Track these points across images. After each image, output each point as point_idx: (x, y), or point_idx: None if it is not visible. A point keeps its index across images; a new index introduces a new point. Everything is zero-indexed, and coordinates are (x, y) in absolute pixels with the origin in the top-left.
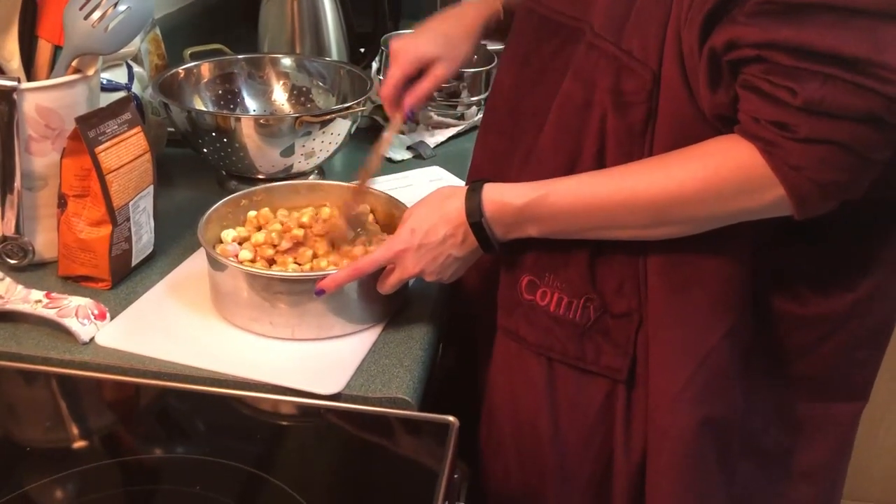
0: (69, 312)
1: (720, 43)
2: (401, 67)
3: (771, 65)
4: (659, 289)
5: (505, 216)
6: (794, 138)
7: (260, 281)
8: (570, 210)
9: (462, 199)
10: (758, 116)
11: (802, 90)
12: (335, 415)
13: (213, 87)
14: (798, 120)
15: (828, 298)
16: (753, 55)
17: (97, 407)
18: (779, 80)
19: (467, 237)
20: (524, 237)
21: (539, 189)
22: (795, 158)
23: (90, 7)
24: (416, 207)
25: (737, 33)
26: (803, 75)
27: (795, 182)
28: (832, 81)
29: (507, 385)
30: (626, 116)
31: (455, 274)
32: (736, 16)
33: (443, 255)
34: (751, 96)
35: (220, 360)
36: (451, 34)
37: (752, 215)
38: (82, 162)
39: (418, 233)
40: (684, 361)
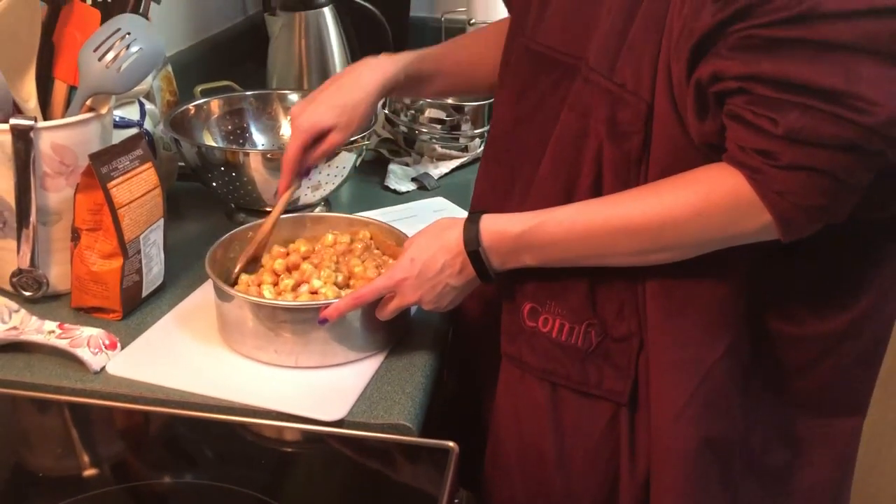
0: (81, 342)
1: (705, 75)
2: (299, 139)
3: (753, 96)
4: (656, 312)
5: (502, 245)
6: (776, 165)
7: (265, 310)
8: (566, 238)
9: (460, 229)
10: (743, 145)
11: (783, 120)
12: (338, 441)
13: (222, 123)
14: (780, 148)
15: (823, 319)
16: (736, 87)
17: (108, 434)
18: (761, 110)
19: (465, 267)
20: (521, 266)
21: (535, 218)
22: (779, 184)
23: (104, 49)
24: (417, 237)
25: (721, 66)
26: (784, 106)
27: (780, 207)
28: (811, 112)
29: (512, 410)
30: (621, 145)
31: (452, 303)
32: (720, 49)
33: (441, 284)
34: (736, 126)
35: (226, 388)
36: (346, 103)
37: (742, 240)
38: (95, 197)
39: (417, 262)
40: (684, 382)
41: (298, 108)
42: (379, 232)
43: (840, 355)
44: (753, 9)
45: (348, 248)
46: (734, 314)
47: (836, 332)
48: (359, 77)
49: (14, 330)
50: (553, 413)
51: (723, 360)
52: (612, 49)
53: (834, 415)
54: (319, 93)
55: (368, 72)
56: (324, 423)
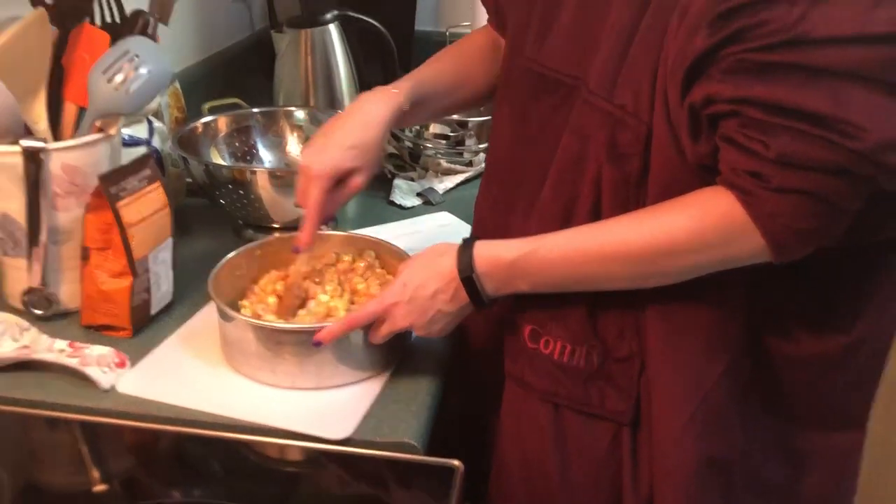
0: (91, 361)
1: (698, 98)
2: (322, 186)
3: (745, 119)
4: (656, 333)
5: (496, 271)
6: (768, 188)
7: (266, 333)
8: (560, 264)
9: (454, 255)
10: (736, 167)
11: (774, 143)
12: (344, 459)
13: (229, 140)
14: (771, 171)
15: (820, 339)
16: (729, 110)
17: (117, 452)
18: (753, 133)
19: (458, 293)
20: (516, 292)
21: (529, 244)
22: (770, 207)
23: (113, 71)
24: (411, 262)
25: (713, 89)
26: (775, 129)
27: (772, 229)
28: (801, 136)
29: (515, 430)
30: (621, 168)
31: (443, 330)
32: (712, 73)
33: (432, 310)
34: (729, 148)
35: (234, 407)
36: (361, 143)
37: (737, 262)
38: (104, 217)
39: (409, 287)
40: (684, 402)
41: (311, 153)
42: (381, 251)
43: (838, 374)
44: (746, 33)
45: (350, 266)
46: (733, 335)
47: (834, 352)
48: (366, 114)
49: (25, 349)
50: (556, 433)
51: (722, 379)
52: (612, 71)
53: (833, 429)
54: (328, 135)
55: (374, 107)
56: (330, 442)
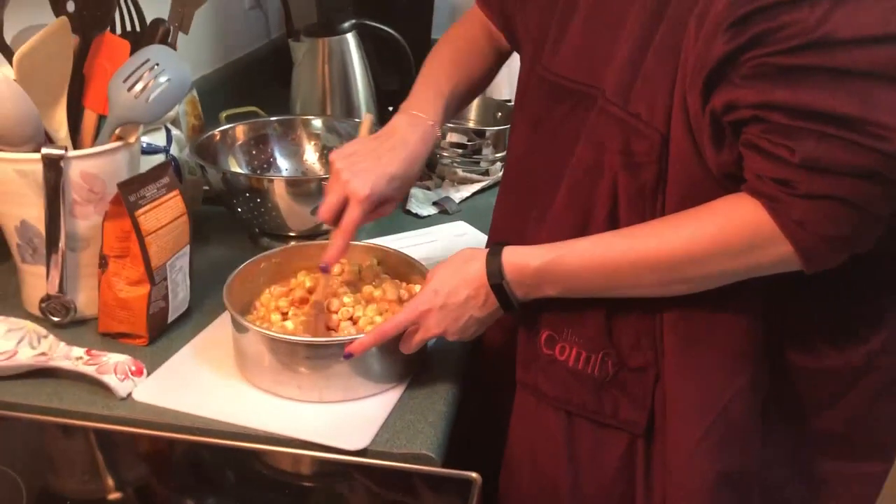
0: (108, 369)
1: (720, 105)
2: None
3: (769, 124)
4: (674, 343)
5: (524, 277)
6: (795, 194)
7: (279, 345)
8: (585, 270)
9: (483, 261)
10: (760, 174)
11: (800, 148)
12: (360, 470)
13: (247, 148)
14: (798, 176)
15: (842, 351)
16: (751, 115)
17: (133, 460)
18: (777, 138)
19: (489, 298)
20: (544, 297)
21: (555, 251)
22: (798, 214)
23: (133, 80)
24: (439, 269)
25: (735, 95)
26: (800, 134)
27: (801, 237)
28: (828, 139)
29: (527, 438)
30: (637, 177)
31: (475, 333)
32: (733, 78)
33: (465, 316)
34: (753, 155)
35: (250, 416)
36: (403, 177)
37: (763, 271)
38: (123, 224)
39: (441, 294)
40: (701, 415)
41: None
42: (390, 258)
43: (861, 393)
44: (766, 36)
45: (358, 277)
46: (753, 347)
47: (855, 366)
48: (411, 148)
49: (43, 356)
50: (568, 442)
51: (741, 393)
52: (627, 80)
53: (859, 458)
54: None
55: (418, 142)
56: (346, 453)
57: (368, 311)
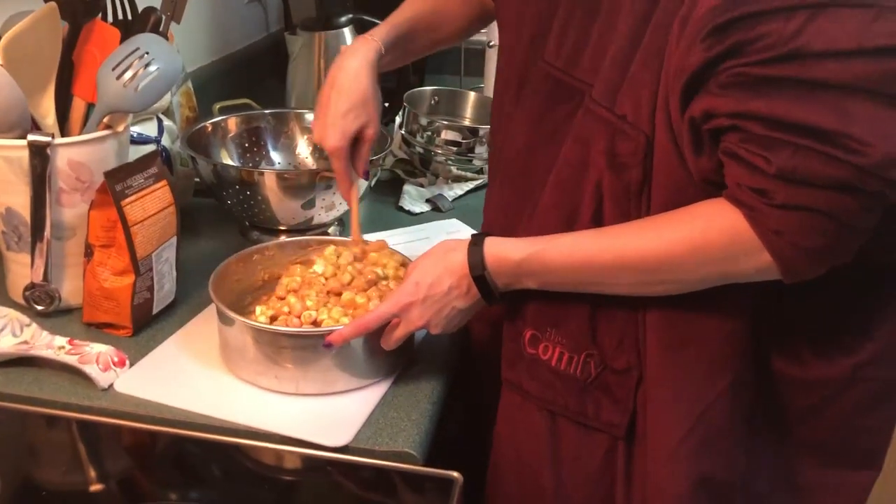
0: (90, 359)
1: (698, 113)
2: (340, 156)
3: (746, 134)
4: (655, 345)
5: (504, 269)
6: (772, 204)
7: (265, 336)
8: (563, 266)
9: (465, 252)
10: (739, 182)
11: (776, 159)
12: (341, 467)
13: (239, 141)
14: (774, 187)
15: (828, 361)
16: (729, 124)
17: (114, 452)
18: (754, 148)
19: (471, 288)
20: (524, 289)
21: (536, 245)
22: (775, 224)
23: (122, 68)
24: (420, 261)
25: (712, 103)
26: (775, 145)
27: (778, 247)
28: (803, 151)
29: (511, 438)
30: (622, 177)
31: (459, 324)
32: (711, 87)
33: (448, 307)
34: (731, 163)
35: (233, 411)
36: (356, 102)
37: (742, 278)
38: (109, 214)
39: (423, 285)
40: (680, 418)
41: (319, 131)
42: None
43: (847, 403)
44: (743, 47)
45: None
46: (736, 351)
47: (842, 377)
48: (350, 71)
49: (25, 344)
50: (552, 442)
51: (723, 398)
52: (615, 80)
53: (846, 466)
54: (326, 108)
55: (355, 61)
56: (328, 449)
57: (334, 313)
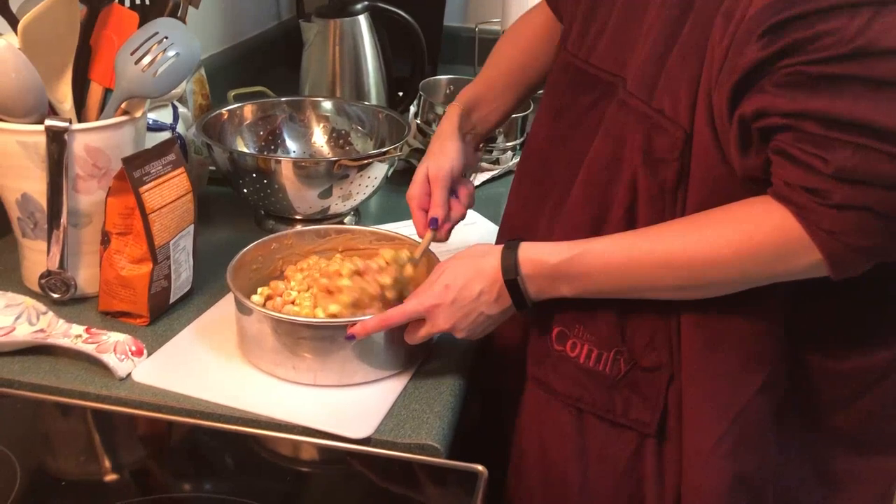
0: (108, 348)
1: (749, 111)
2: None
3: (801, 133)
4: (692, 344)
5: (540, 274)
6: (826, 204)
7: (284, 326)
8: (605, 270)
9: (498, 256)
10: (790, 181)
11: (833, 158)
12: (363, 459)
13: (254, 129)
14: (830, 186)
15: (864, 354)
16: (783, 123)
17: (131, 442)
18: (810, 148)
19: (501, 295)
20: (558, 296)
21: (574, 248)
22: (829, 223)
23: (141, 52)
24: (451, 263)
25: (766, 103)
26: (834, 144)
27: (830, 246)
28: (864, 150)
29: (537, 434)
30: (657, 174)
31: (484, 332)
32: (764, 85)
33: (475, 312)
34: (782, 162)
35: (252, 401)
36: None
37: (789, 277)
38: (126, 201)
39: (453, 289)
40: (717, 418)
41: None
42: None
43: (881, 391)
44: (803, 45)
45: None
46: (771, 349)
47: (877, 367)
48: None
49: (41, 332)
50: (578, 439)
51: (759, 394)
52: (651, 74)
53: (876, 452)
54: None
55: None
56: (350, 441)
57: (306, 301)
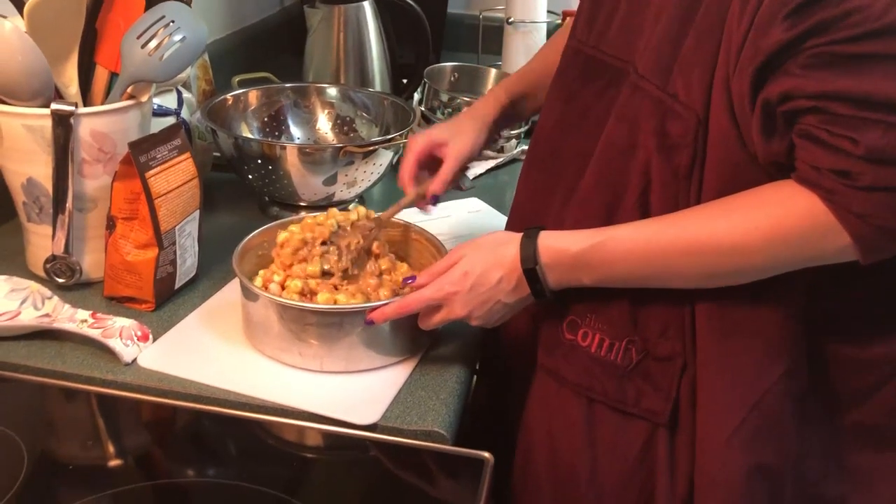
0: (113, 333)
1: (774, 95)
2: (413, 151)
3: (829, 115)
4: (708, 333)
5: (561, 263)
6: (856, 186)
7: (291, 312)
8: (628, 258)
9: (517, 245)
10: (818, 165)
11: (864, 139)
12: (369, 446)
13: (259, 115)
14: (861, 168)
15: (886, 342)
16: (810, 106)
17: (136, 427)
18: (838, 129)
19: (520, 284)
20: (578, 286)
21: (596, 236)
22: (859, 206)
23: (147, 36)
24: (469, 250)
25: (792, 85)
26: (863, 125)
27: (861, 230)
28: (894, 130)
29: (545, 424)
30: (671, 159)
31: (500, 320)
32: (789, 67)
33: (492, 300)
34: (809, 145)
35: (259, 387)
36: (458, 122)
37: (816, 262)
38: (132, 186)
39: (471, 276)
40: (735, 407)
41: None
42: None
43: None
44: (829, 24)
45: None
46: (793, 339)
47: None
48: (474, 108)
49: (46, 317)
50: (588, 429)
51: (778, 384)
52: (665, 58)
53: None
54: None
55: (481, 104)
56: (356, 427)
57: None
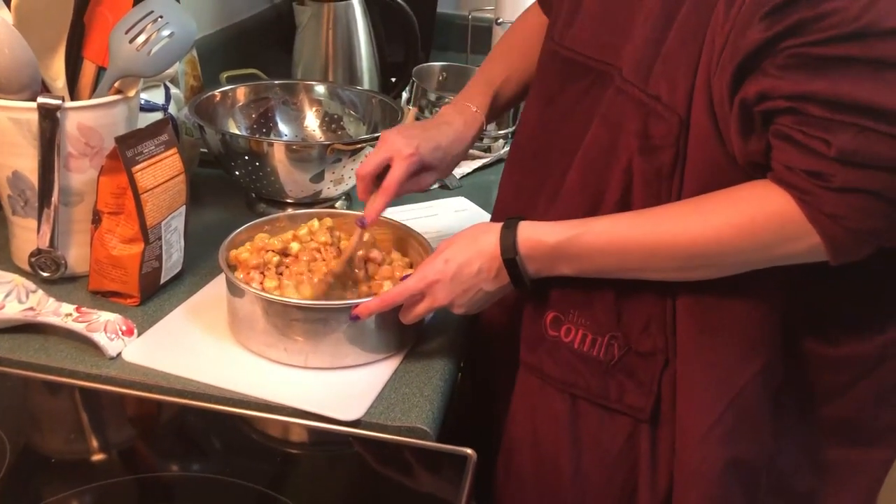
0: (98, 327)
1: (751, 94)
2: (405, 169)
3: (804, 116)
4: (688, 329)
5: (539, 254)
6: (828, 187)
7: (276, 308)
8: (604, 250)
9: (497, 234)
10: (791, 165)
11: (836, 141)
12: (352, 441)
13: (247, 111)
14: (833, 170)
15: (860, 339)
16: (786, 106)
17: (120, 421)
18: (812, 131)
19: (500, 272)
20: (557, 275)
21: (574, 228)
22: (830, 207)
23: (135, 31)
24: (452, 240)
25: (768, 85)
26: (837, 127)
27: (831, 230)
28: (866, 133)
29: (529, 421)
30: (652, 160)
31: (482, 307)
32: (767, 68)
33: (474, 288)
34: (784, 146)
35: (243, 382)
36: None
37: (787, 261)
38: (119, 180)
39: (452, 263)
40: (713, 402)
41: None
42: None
43: (876, 379)
44: (806, 26)
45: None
46: (769, 333)
47: (872, 355)
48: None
49: (31, 311)
50: (571, 425)
51: (754, 380)
52: (647, 59)
53: (869, 444)
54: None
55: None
56: (340, 423)
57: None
